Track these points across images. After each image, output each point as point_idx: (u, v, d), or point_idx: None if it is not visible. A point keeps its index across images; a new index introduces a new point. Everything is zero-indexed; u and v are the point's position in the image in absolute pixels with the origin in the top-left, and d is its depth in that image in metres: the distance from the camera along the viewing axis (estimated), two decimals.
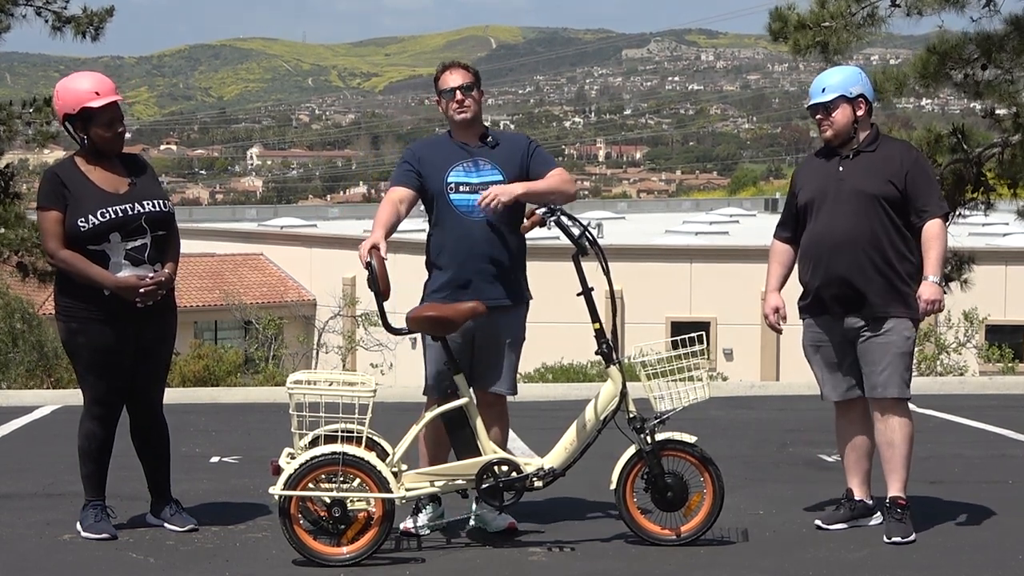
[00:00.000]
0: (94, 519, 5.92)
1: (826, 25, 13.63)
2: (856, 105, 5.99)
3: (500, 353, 5.96)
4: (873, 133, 6.06)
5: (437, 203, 5.97)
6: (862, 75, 6.08)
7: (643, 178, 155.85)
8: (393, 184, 6.01)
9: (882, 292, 5.88)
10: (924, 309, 5.86)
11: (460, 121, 6.00)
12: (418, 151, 6.07)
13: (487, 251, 5.90)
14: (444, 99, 6.03)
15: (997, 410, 10.29)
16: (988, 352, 23.99)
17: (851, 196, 5.92)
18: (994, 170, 14.46)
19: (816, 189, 6.04)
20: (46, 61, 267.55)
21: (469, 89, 5.99)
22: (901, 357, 5.91)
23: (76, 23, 18.51)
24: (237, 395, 12.05)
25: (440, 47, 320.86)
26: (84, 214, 5.75)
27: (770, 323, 6.18)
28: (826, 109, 5.99)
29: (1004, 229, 35.64)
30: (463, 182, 5.94)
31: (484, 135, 6.05)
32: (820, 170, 6.10)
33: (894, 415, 5.96)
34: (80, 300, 5.81)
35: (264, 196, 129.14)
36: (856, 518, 6.09)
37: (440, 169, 5.96)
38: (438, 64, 6.24)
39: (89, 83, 5.84)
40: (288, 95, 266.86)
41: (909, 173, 5.91)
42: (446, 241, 5.95)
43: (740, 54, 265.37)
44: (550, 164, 6.08)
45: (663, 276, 34.59)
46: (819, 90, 6.01)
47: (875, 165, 5.95)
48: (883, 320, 5.89)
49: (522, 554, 5.65)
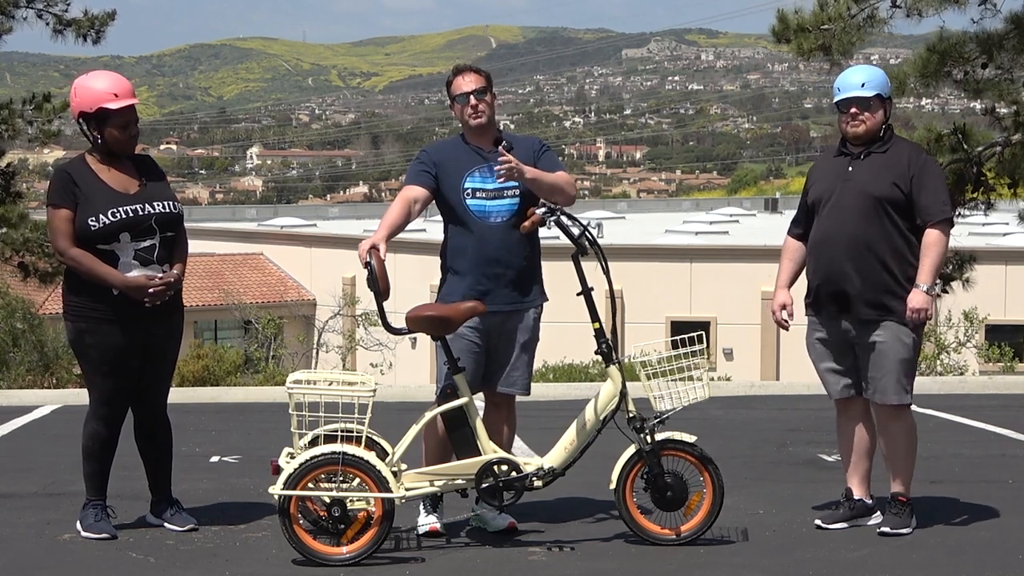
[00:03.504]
0: (94, 519, 5.92)
1: (826, 28, 13.63)
2: (887, 106, 5.97)
3: (514, 353, 5.99)
4: (888, 134, 6.02)
5: (454, 208, 5.98)
6: (887, 77, 6.06)
7: (643, 178, 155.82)
8: (409, 183, 6.01)
9: (880, 295, 5.86)
10: (909, 317, 5.83)
11: (475, 126, 6.01)
12: (434, 155, 6.07)
13: (504, 256, 5.93)
14: (458, 104, 6.03)
15: (997, 410, 10.30)
16: (988, 352, 23.97)
17: (856, 197, 5.89)
18: (994, 169, 14.45)
19: (825, 187, 6.03)
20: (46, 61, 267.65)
21: (483, 93, 6.00)
22: (900, 363, 5.90)
23: (77, 26, 18.51)
24: (237, 395, 12.06)
25: (440, 47, 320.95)
26: (95, 213, 5.76)
27: (777, 319, 6.16)
28: (863, 104, 5.92)
29: (1004, 229, 35.62)
30: (479, 188, 5.96)
31: (498, 139, 6.05)
32: (831, 168, 6.07)
33: (895, 420, 5.97)
34: (89, 300, 5.82)
35: (264, 196, 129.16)
36: (856, 517, 6.09)
37: (457, 174, 5.98)
38: (451, 68, 6.24)
39: (108, 84, 5.85)
40: (288, 95, 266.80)
41: (916, 176, 5.87)
42: (463, 246, 5.96)
43: (740, 54, 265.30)
44: (556, 167, 6.09)
45: (663, 276, 34.58)
46: (856, 84, 5.94)
47: (883, 167, 5.92)
48: (880, 324, 5.88)
49: (522, 554, 5.66)
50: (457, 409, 5.70)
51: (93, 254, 5.77)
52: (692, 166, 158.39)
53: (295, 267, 42.06)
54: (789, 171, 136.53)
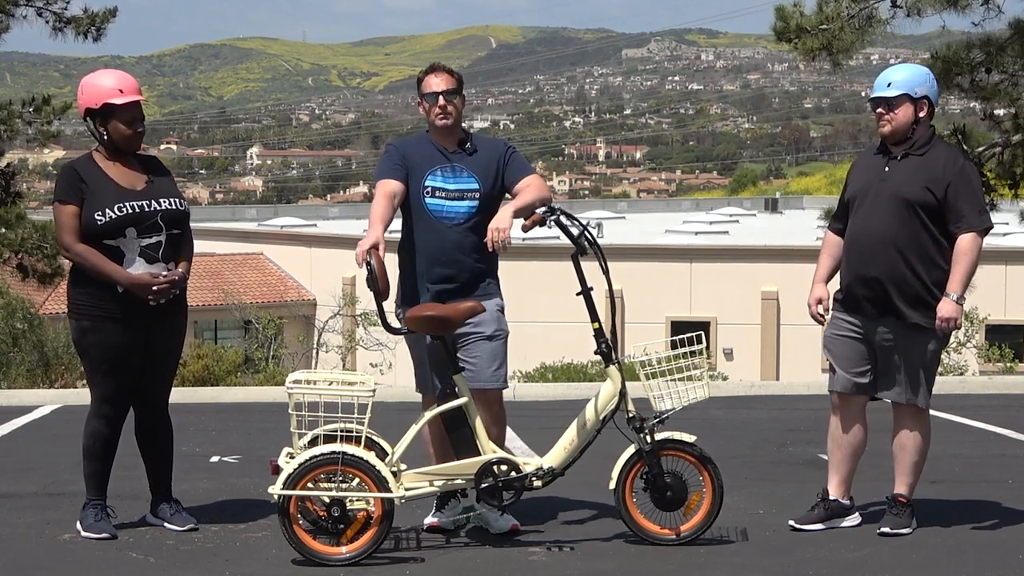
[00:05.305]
0: (94, 518, 5.92)
1: (825, 28, 13.62)
2: (919, 106, 5.90)
3: (482, 349, 5.91)
4: (927, 136, 5.95)
5: (412, 206, 5.97)
6: (930, 77, 5.98)
7: (643, 178, 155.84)
8: (384, 177, 5.94)
9: (908, 299, 5.83)
10: (939, 326, 5.81)
11: (441, 127, 6.00)
12: (403, 148, 6.05)
13: (458, 256, 5.91)
14: (427, 102, 6.02)
15: (997, 410, 10.30)
16: (988, 352, 23.98)
17: (889, 199, 5.87)
18: (994, 170, 14.45)
19: (861, 186, 6.01)
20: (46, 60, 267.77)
21: (452, 95, 5.99)
22: (924, 367, 5.90)
23: (77, 24, 18.46)
24: (237, 395, 12.05)
25: (440, 47, 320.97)
26: (101, 208, 5.77)
27: (812, 314, 6.15)
28: (888, 104, 5.89)
29: (1004, 229, 35.60)
30: (439, 187, 5.95)
31: (463, 141, 6.05)
32: (869, 167, 6.05)
33: (912, 422, 5.97)
34: (94, 297, 5.83)
35: (264, 196, 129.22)
36: (831, 518, 6.07)
37: (419, 170, 5.96)
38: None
39: (113, 80, 5.89)
40: (288, 95, 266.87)
41: (952, 183, 5.82)
42: (416, 244, 5.96)
43: (740, 54, 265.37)
44: (525, 171, 6.06)
45: (663, 276, 34.57)
46: (884, 84, 5.92)
47: (919, 169, 5.87)
48: (907, 327, 5.86)
49: (522, 554, 5.66)
50: (456, 409, 5.70)
51: (99, 250, 5.78)
52: (692, 166, 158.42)
53: (295, 267, 42.05)
54: (789, 171, 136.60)
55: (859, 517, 6.11)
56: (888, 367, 5.95)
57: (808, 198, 66.62)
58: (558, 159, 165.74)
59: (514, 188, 6.00)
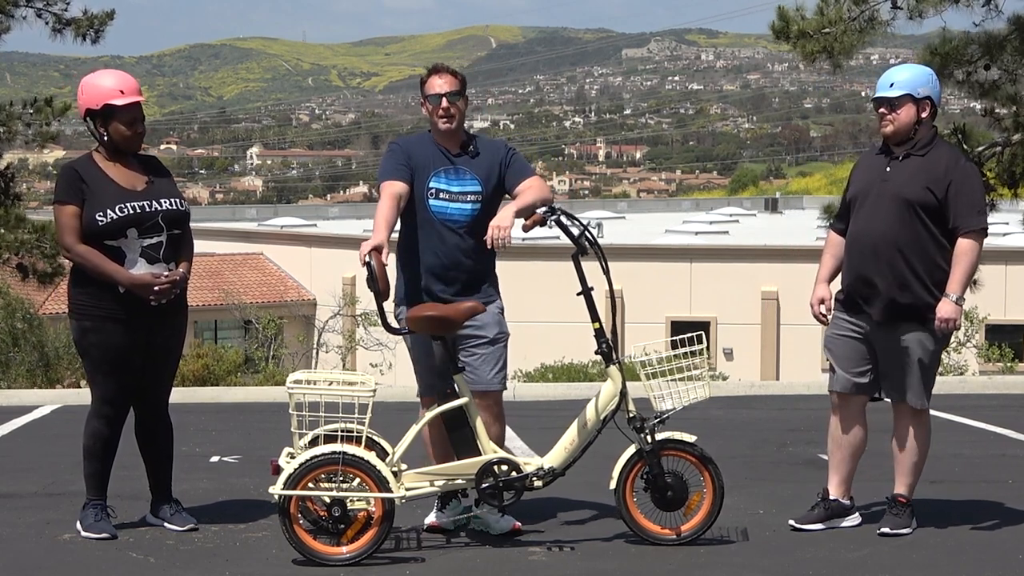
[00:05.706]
0: (94, 518, 5.92)
1: (826, 32, 13.61)
2: (921, 106, 5.90)
3: (484, 352, 5.92)
4: (929, 136, 5.95)
5: (416, 206, 5.96)
6: (933, 77, 5.98)
7: (643, 178, 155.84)
8: (389, 178, 5.91)
9: (908, 299, 5.83)
10: (938, 327, 5.81)
11: (444, 129, 6.00)
12: (406, 147, 6.03)
13: (459, 258, 5.92)
14: (430, 103, 6.01)
15: (997, 410, 10.31)
16: (988, 352, 23.97)
17: (890, 199, 5.87)
18: (994, 170, 14.45)
19: (862, 187, 6.01)
20: (46, 61, 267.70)
21: (456, 97, 5.98)
22: (924, 367, 5.90)
23: (76, 25, 18.48)
24: (237, 395, 12.06)
25: (440, 47, 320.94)
26: (102, 208, 5.77)
27: (814, 313, 6.15)
28: (890, 104, 5.89)
29: (1004, 229, 35.61)
30: (443, 189, 5.95)
31: (466, 143, 6.04)
32: (871, 167, 6.05)
33: (912, 422, 5.97)
34: (94, 298, 5.83)
35: (264, 196, 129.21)
36: (831, 518, 6.08)
37: (423, 171, 5.96)
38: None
39: (114, 81, 5.89)
40: (288, 95, 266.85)
41: (952, 183, 5.82)
42: (418, 245, 5.96)
43: (740, 54, 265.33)
44: (526, 173, 6.05)
45: (663, 276, 34.57)
46: (887, 84, 5.92)
47: (920, 170, 5.87)
48: (906, 327, 5.86)
49: (522, 554, 5.66)
50: (457, 409, 5.70)
51: (100, 251, 5.78)
52: (692, 166, 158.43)
53: (295, 267, 42.04)
54: (789, 171, 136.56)
55: (859, 517, 6.12)
56: (888, 367, 5.95)
57: (808, 198, 66.61)
58: (558, 159, 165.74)
59: (515, 190, 6.00)
